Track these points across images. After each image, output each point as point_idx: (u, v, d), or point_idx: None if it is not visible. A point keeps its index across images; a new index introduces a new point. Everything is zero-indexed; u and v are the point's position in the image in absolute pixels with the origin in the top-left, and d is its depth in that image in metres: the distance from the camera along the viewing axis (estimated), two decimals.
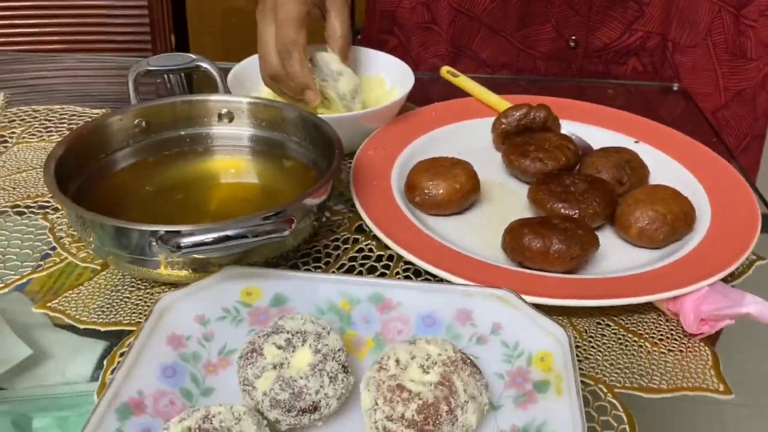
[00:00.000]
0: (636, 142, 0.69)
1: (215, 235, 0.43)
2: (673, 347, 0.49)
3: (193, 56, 0.66)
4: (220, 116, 0.64)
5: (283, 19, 0.62)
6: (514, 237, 0.52)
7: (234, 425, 0.36)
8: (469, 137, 0.71)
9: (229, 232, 0.43)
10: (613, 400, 0.45)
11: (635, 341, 0.49)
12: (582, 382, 0.46)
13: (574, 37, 0.85)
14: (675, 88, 0.89)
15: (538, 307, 0.45)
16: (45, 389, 0.48)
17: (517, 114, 0.68)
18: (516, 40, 0.86)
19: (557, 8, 0.83)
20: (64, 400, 0.48)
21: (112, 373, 0.46)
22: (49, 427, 0.46)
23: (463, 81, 0.78)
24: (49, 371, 0.49)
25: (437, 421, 0.38)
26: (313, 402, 0.39)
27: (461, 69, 0.81)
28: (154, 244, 0.45)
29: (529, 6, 0.84)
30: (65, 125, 0.76)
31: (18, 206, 0.62)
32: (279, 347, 0.41)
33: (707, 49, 0.83)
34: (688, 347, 0.49)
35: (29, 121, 0.76)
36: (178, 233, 0.44)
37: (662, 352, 0.48)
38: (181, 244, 0.42)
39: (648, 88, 0.90)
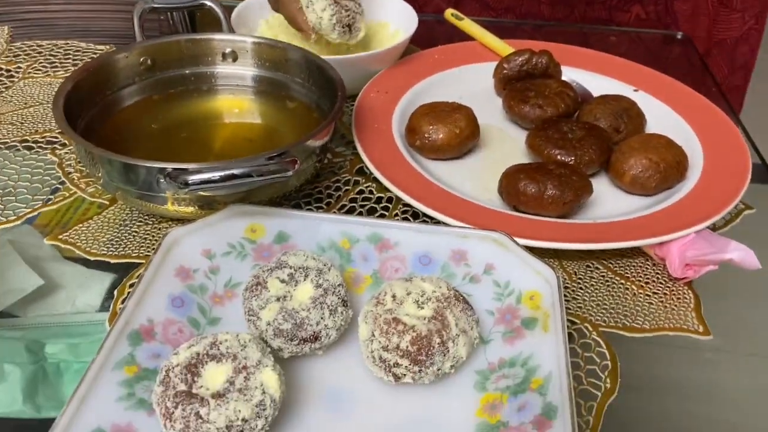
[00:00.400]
0: (635, 90, 0.69)
1: (221, 173, 0.44)
2: (658, 290, 0.51)
3: None
4: (224, 55, 0.64)
5: None
6: (510, 182, 0.54)
7: (240, 351, 0.38)
8: (470, 81, 0.71)
9: (234, 171, 0.44)
10: (597, 338, 0.47)
11: (622, 284, 0.51)
12: (568, 320, 0.48)
13: None
14: (679, 37, 0.89)
15: (531, 249, 0.47)
16: (56, 317, 0.50)
17: (519, 59, 0.69)
18: None
19: None
20: (75, 328, 0.50)
21: (122, 302, 0.48)
22: (60, 352, 0.47)
23: (467, 24, 0.78)
24: (59, 301, 0.50)
25: (430, 352, 0.40)
26: (314, 332, 0.42)
27: (465, 11, 0.81)
28: (162, 180, 0.47)
29: None
30: (70, 61, 0.76)
31: (26, 141, 0.63)
32: (282, 281, 0.43)
33: None
34: (672, 291, 0.51)
35: (34, 56, 0.77)
36: (185, 171, 0.45)
37: (647, 295, 0.51)
38: (189, 181, 0.44)
39: (652, 35, 0.90)
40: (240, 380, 0.37)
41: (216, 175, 0.44)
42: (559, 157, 0.58)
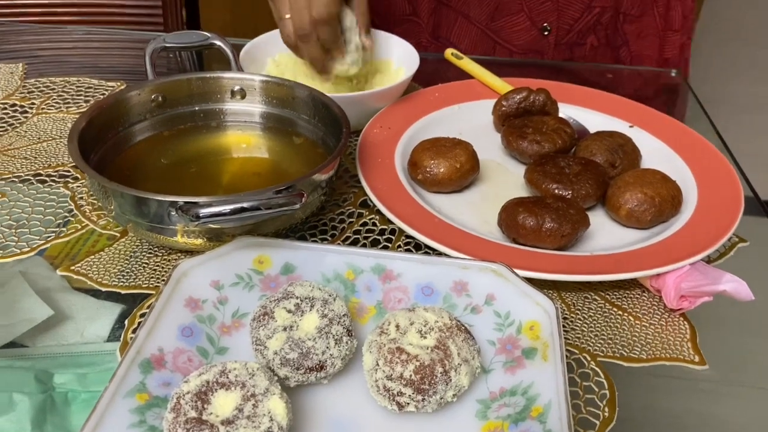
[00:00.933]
0: (630, 126, 0.72)
1: (231, 206, 0.46)
2: (654, 321, 0.52)
3: (207, 34, 0.68)
4: (233, 93, 0.67)
5: None
6: (509, 214, 0.55)
7: (248, 379, 0.40)
8: (470, 118, 0.74)
9: (244, 204, 0.46)
10: (596, 368, 0.48)
11: (619, 315, 0.53)
12: (567, 350, 0.50)
13: (546, 24, 0.89)
14: (673, 74, 0.92)
15: (530, 280, 0.48)
16: (65, 347, 0.51)
17: (518, 97, 0.71)
18: (491, 32, 0.90)
19: None
20: (83, 358, 0.50)
21: (133, 332, 0.49)
22: (69, 382, 0.48)
23: (466, 63, 0.81)
24: (68, 331, 0.51)
25: (432, 381, 0.42)
26: (320, 361, 0.43)
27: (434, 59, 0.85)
28: (173, 213, 0.48)
29: None
30: (82, 97, 0.79)
31: (40, 174, 0.65)
32: (289, 311, 0.45)
33: (653, 17, 0.90)
34: (669, 321, 0.52)
35: (47, 93, 0.79)
36: (196, 204, 0.47)
37: (644, 326, 0.52)
38: (200, 214, 0.46)
39: (647, 73, 0.92)
40: (248, 407, 0.39)
41: (226, 208, 0.46)
42: (556, 191, 0.59)
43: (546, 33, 0.89)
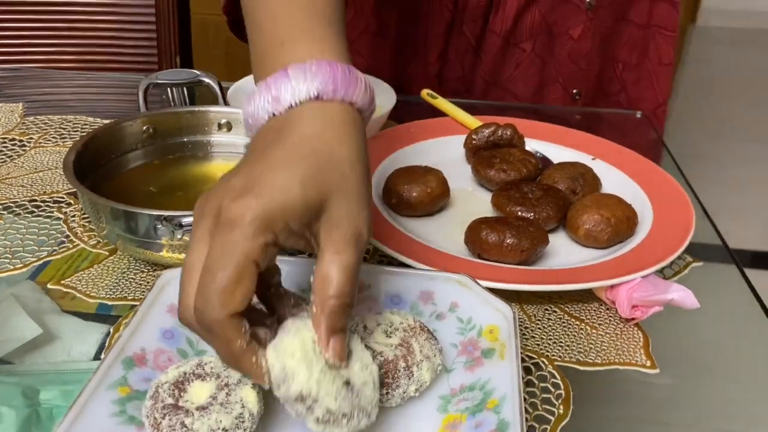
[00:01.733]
0: (593, 159, 0.76)
1: None
2: (610, 330, 0.56)
3: (197, 72, 0.74)
4: (219, 125, 0.72)
5: (217, 256, 0.37)
6: (473, 231, 0.59)
7: (223, 371, 0.43)
8: (443, 151, 0.78)
9: None
10: (553, 371, 0.51)
11: (577, 324, 0.56)
12: (527, 355, 0.53)
13: (575, 91, 0.97)
14: (638, 116, 0.98)
15: (492, 291, 0.52)
16: (52, 365, 0.53)
17: (487, 131, 0.76)
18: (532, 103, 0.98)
19: (564, 67, 0.95)
20: (69, 376, 0.52)
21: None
22: (54, 398, 0.50)
23: (441, 102, 0.86)
24: (56, 350, 0.54)
25: (395, 375, 0.45)
26: None
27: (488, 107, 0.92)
28: (159, 226, 0.52)
29: (544, 70, 0.95)
30: (78, 133, 0.83)
31: (35, 201, 0.69)
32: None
33: (647, 64, 0.97)
34: (623, 330, 0.56)
35: (45, 129, 0.84)
36: (180, 216, 0.51)
37: (600, 334, 0.55)
38: (183, 223, 0.50)
39: (612, 114, 0.99)
40: (222, 396, 0.41)
41: None
42: (519, 213, 0.64)
43: (577, 98, 0.97)
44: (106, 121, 0.87)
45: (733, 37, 3.46)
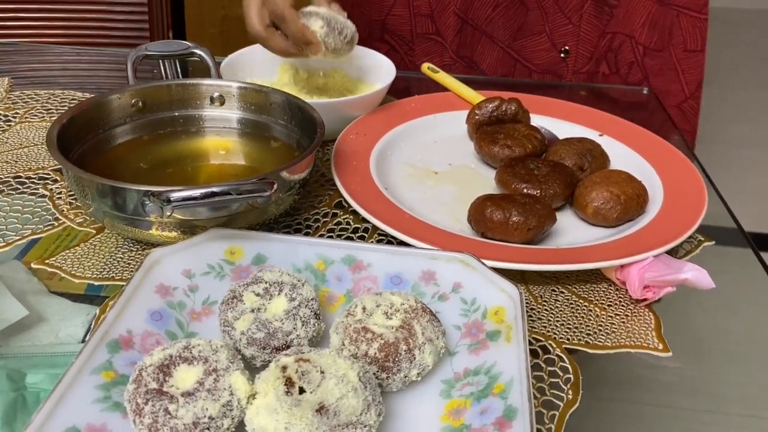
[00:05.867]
0: (600, 135, 0.74)
1: (202, 190, 0.47)
2: (620, 312, 0.53)
3: (188, 43, 0.70)
4: (211, 99, 0.68)
5: None
6: (478, 209, 0.57)
7: (211, 355, 0.40)
8: (445, 127, 0.76)
9: (214, 189, 0.47)
10: (561, 354, 0.49)
11: (585, 306, 0.54)
12: (533, 338, 0.51)
13: (565, 47, 0.91)
14: (645, 92, 0.95)
15: (497, 271, 0.49)
16: (38, 348, 0.51)
17: (490, 106, 0.73)
18: (513, 51, 0.92)
19: (551, 17, 0.89)
20: (56, 359, 0.50)
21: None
22: (41, 382, 0.48)
23: (442, 77, 0.83)
24: (43, 332, 0.52)
25: (397, 359, 0.42)
26: (286, 342, 0.44)
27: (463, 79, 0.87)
28: (147, 202, 0.49)
29: (527, 15, 0.89)
30: (66, 108, 0.80)
31: (19, 177, 0.66)
32: (257, 294, 0.45)
33: (670, 51, 0.91)
34: (634, 312, 0.53)
35: (32, 104, 0.81)
36: (169, 191, 0.48)
37: (609, 316, 0.53)
38: (171, 198, 0.47)
39: (619, 90, 0.95)
40: (209, 381, 0.39)
41: (197, 192, 0.47)
42: (525, 190, 0.61)
43: (563, 55, 0.92)
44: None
45: (736, 18, 3.41)
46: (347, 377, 0.40)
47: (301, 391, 0.39)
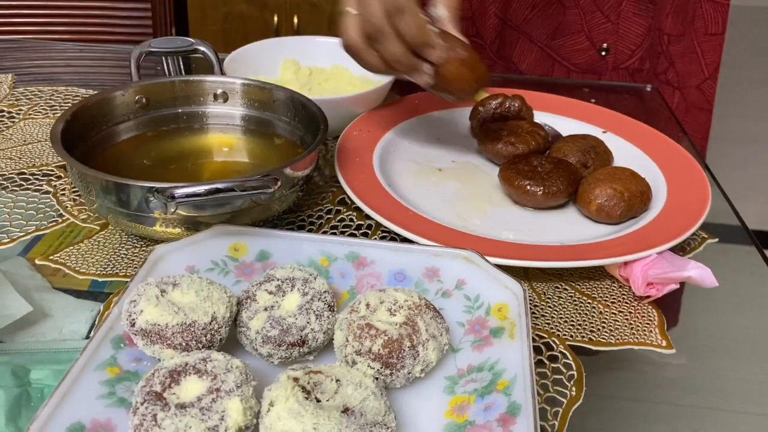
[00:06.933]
0: (604, 132, 0.74)
1: (206, 187, 0.47)
2: (623, 309, 0.53)
3: (192, 40, 0.71)
4: (215, 96, 0.68)
5: None
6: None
7: (221, 373, 0.39)
8: (448, 124, 0.76)
9: (218, 185, 0.47)
10: (564, 351, 0.49)
11: (589, 303, 0.54)
12: (537, 335, 0.51)
13: (605, 45, 0.91)
14: (648, 89, 0.95)
15: (501, 268, 0.49)
16: (42, 344, 0.51)
17: (494, 103, 0.73)
18: (551, 50, 0.93)
19: (589, 16, 0.89)
20: (61, 355, 0.51)
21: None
22: (45, 378, 0.48)
23: None
24: (47, 328, 0.52)
25: (400, 356, 0.42)
26: (301, 336, 0.43)
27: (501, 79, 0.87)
28: (151, 199, 0.50)
29: (565, 15, 0.90)
30: (69, 105, 0.80)
31: (23, 173, 0.67)
32: (270, 293, 0.45)
33: (692, 35, 0.91)
34: (637, 309, 0.53)
35: (35, 101, 0.81)
36: (173, 187, 0.48)
37: (613, 313, 0.53)
38: (175, 195, 0.47)
39: (623, 87, 0.95)
40: (207, 400, 0.38)
41: (201, 188, 0.47)
42: (528, 187, 0.61)
43: (604, 53, 0.92)
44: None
45: (742, 15, 3.40)
46: (364, 383, 0.40)
47: (317, 400, 0.39)
